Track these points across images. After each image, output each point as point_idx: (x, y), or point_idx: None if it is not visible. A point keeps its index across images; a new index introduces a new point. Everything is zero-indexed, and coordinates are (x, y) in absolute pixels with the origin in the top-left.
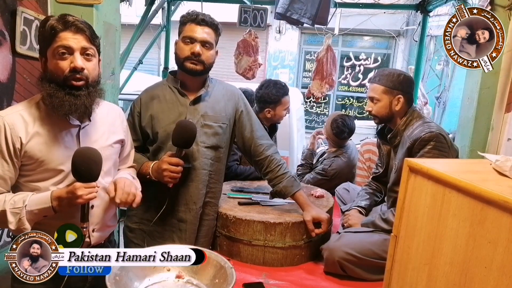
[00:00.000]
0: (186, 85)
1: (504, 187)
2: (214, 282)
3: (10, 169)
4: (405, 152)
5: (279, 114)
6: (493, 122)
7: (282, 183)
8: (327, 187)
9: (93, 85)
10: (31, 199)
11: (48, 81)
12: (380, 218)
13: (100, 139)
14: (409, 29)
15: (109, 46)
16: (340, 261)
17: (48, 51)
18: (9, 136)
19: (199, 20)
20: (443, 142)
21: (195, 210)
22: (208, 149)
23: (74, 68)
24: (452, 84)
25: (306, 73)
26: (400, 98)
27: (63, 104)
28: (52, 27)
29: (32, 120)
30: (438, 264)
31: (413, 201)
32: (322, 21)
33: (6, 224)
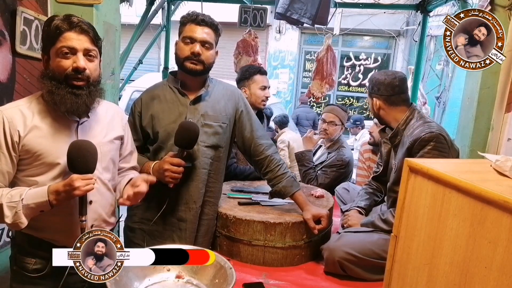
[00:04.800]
0: (186, 85)
1: (504, 187)
2: (214, 282)
3: (8, 163)
4: (405, 152)
5: (255, 93)
6: (493, 122)
7: (281, 183)
8: (343, 176)
9: (94, 84)
10: (28, 193)
11: (49, 78)
12: (379, 219)
13: (99, 135)
14: (409, 29)
15: (109, 46)
16: (340, 260)
17: (52, 50)
18: (8, 130)
19: (199, 20)
20: (443, 142)
21: (195, 210)
22: (208, 149)
23: (76, 68)
24: (452, 84)
25: (306, 73)
26: (376, 100)
27: (64, 101)
28: (57, 27)
29: (31, 114)
30: (438, 264)
31: (413, 201)
32: (322, 21)
33: (3, 218)
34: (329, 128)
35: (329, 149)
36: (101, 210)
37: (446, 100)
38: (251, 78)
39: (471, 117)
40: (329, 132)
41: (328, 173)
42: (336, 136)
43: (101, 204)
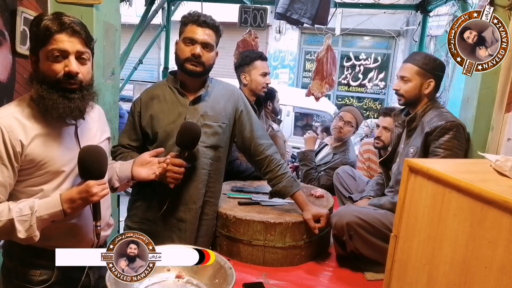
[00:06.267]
0: (186, 85)
1: (504, 187)
2: (214, 282)
3: (10, 175)
4: (423, 138)
5: (255, 79)
6: (493, 122)
7: (281, 183)
8: None
9: (86, 88)
10: (39, 205)
11: (39, 82)
12: (389, 202)
13: (95, 137)
14: (409, 29)
15: (109, 46)
16: (349, 223)
17: (41, 51)
18: (8, 140)
19: (200, 21)
20: (462, 133)
21: (195, 210)
22: (208, 149)
23: (68, 72)
24: (452, 84)
25: (306, 73)
26: (431, 82)
27: (57, 106)
28: (47, 28)
29: (29, 122)
30: (438, 264)
31: (413, 201)
32: (322, 21)
33: (14, 233)
34: (345, 127)
35: (335, 149)
36: (104, 212)
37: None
38: (252, 63)
39: (471, 117)
40: (343, 131)
41: (331, 175)
42: (347, 137)
43: (104, 206)
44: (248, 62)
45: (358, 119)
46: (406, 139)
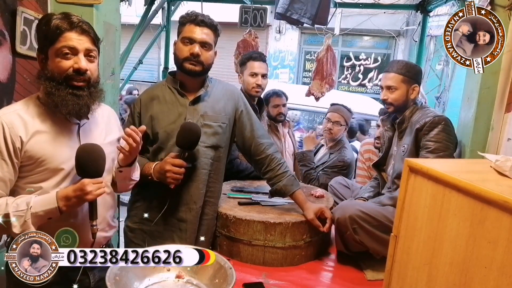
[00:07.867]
0: (186, 86)
1: (504, 187)
2: (214, 282)
3: (10, 171)
4: (413, 134)
5: (246, 79)
6: (493, 122)
7: (282, 182)
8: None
9: (94, 85)
10: (35, 201)
11: (47, 79)
12: (388, 197)
13: (99, 137)
14: (409, 29)
15: (109, 46)
16: (352, 216)
17: (50, 50)
18: (8, 136)
19: (198, 21)
20: (451, 126)
21: (195, 210)
22: (208, 149)
23: (78, 69)
24: (452, 84)
25: (306, 73)
26: (415, 87)
27: (66, 103)
28: (57, 26)
29: (31, 119)
30: (438, 264)
31: (413, 201)
32: (322, 21)
33: (10, 228)
34: (334, 128)
35: (331, 149)
36: (105, 213)
37: (446, 100)
38: (245, 64)
39: (471, 117)
40: (333, 132)
41: (330, 173)
42: (339, 136)
43: (105, 207)
44: (242, 63)
45: (346, 117)
46: (398, 141)
